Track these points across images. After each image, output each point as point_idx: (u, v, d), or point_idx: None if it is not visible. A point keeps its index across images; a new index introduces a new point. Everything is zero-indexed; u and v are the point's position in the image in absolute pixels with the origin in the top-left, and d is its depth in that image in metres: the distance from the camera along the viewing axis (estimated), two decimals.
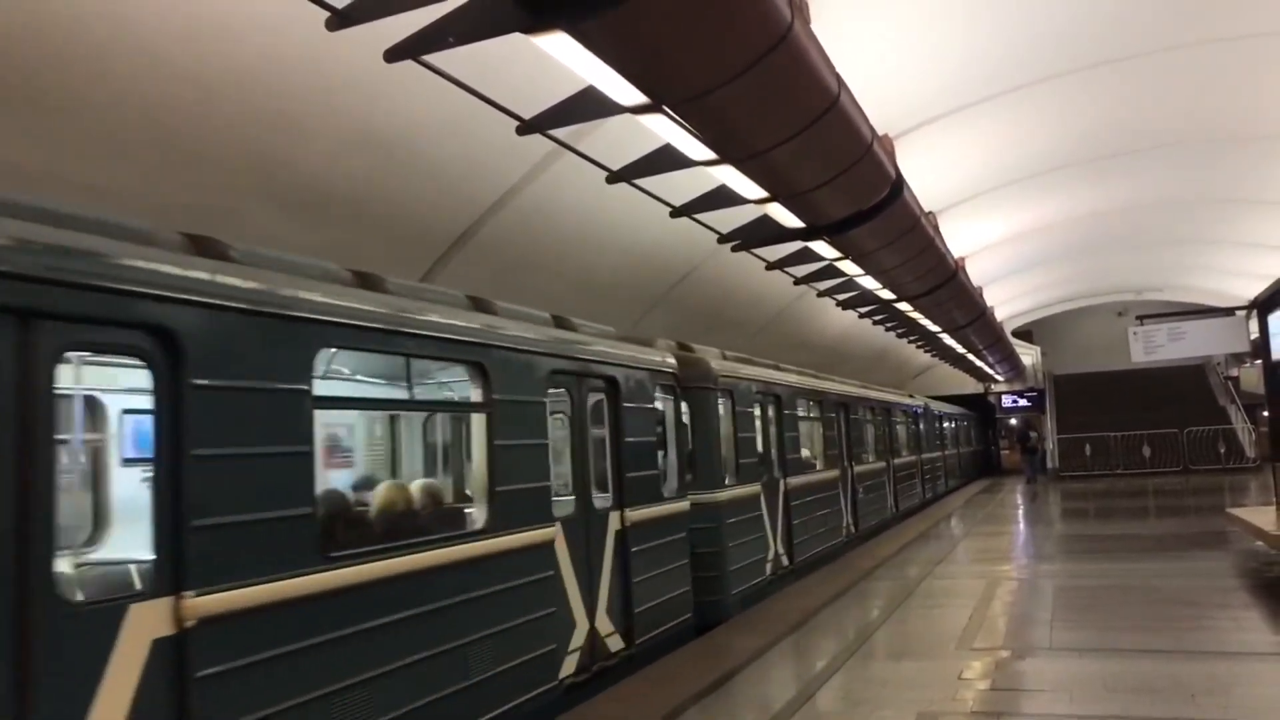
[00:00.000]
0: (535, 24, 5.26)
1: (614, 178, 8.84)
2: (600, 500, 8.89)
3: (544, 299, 10.28)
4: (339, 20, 5.30)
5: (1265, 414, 20.63)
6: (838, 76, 7.09)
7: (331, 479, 8.22)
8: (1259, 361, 15.68)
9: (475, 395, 7.17)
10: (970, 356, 29.39)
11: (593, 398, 8.99)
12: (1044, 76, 13.89)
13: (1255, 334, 14.80)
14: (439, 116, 9.11)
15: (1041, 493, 30.48)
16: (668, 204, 10.24)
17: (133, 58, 6.95)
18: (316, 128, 8.66)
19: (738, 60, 5.84)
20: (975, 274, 22.07)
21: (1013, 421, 45.83)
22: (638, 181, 9.07)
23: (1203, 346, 16.47)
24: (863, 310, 18.23)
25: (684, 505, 10.53)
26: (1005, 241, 23.89)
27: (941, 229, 15.68)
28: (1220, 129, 17.45)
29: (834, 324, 23.75)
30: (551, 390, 8.05)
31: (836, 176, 8.42)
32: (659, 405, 10.53)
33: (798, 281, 14.88)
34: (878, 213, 10.18)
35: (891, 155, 10.15)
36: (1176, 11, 12.56)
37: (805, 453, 16.35)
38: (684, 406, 11.41)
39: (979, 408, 44.01)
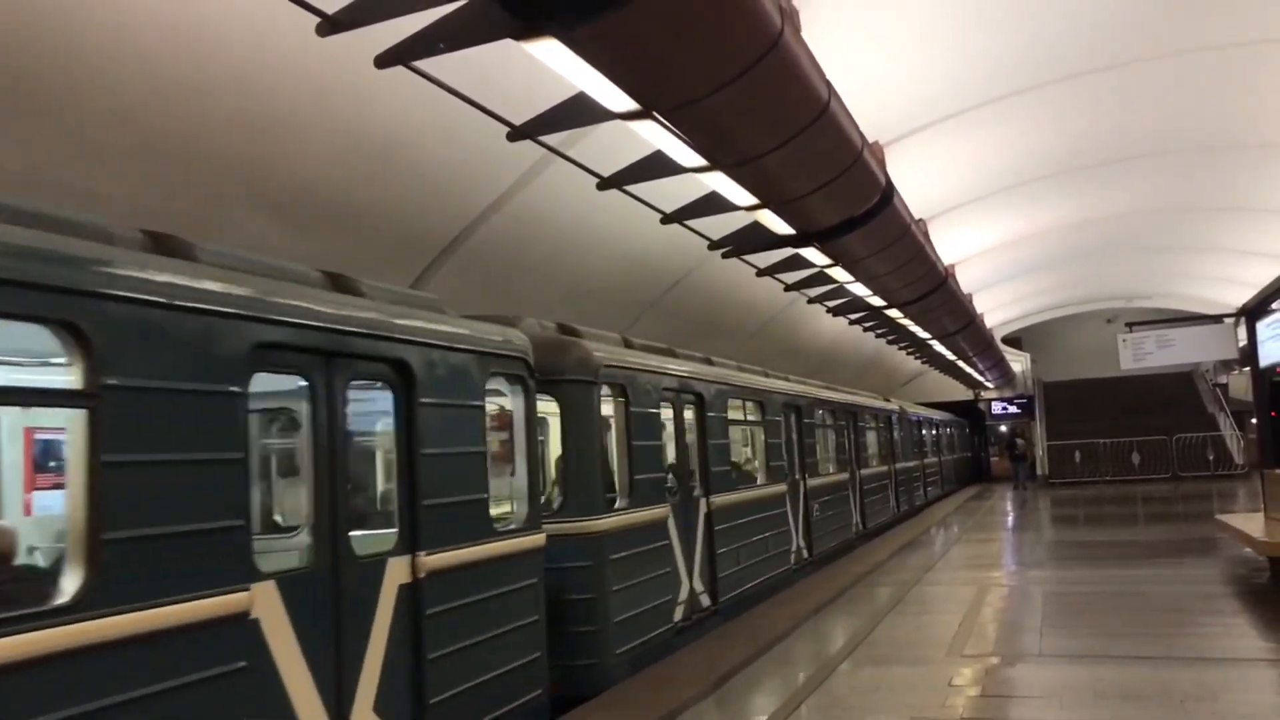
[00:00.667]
0: (526, 30, 5.27)
1: (605, 184, 8.85)
2: (368, 543, 6.03)
3: (535, 305, 10.30)
4: (329, 26, 5.30)
5: (1254, 421, 20.69)
6: (828, 84, 7.11)
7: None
8: (1247, 369, 15.73)
9: (69, 380, 4.22)
10: (960, 363, 29.47)
11: (362, 391, 6.19)
12: (1033, 85, 13.96)
13: (1244, 341, 14.83)
14: (430, 122, 9.11)
15: (1031, 499, 30.54)
16: (659, 210, 10.25)
17: (122, 62, 6.94)
18: (308, 133, 8.65)
19: (729, 67, 5.86)
20: (965, 281, 22.13)
21: (1003, 428, 45.91)
22: (629, 188, 9.08)
23: (1191, 354, 16.51)
24: (853, 317, 18.27)
25: (533, 541, 7.55)
26: (995, 249, 23.97)
27: (932, 236, 15.73)
28: (1207, 137, 17.54)
29: (825, 331, 23.80)
30: (259, 372, 5.10)
31: (827, 183, 8.44)
32: (499, 402, 7.83)
33: (788, 288, 14.91)
34: (868, 220, 10.20)
35: (882, 162, 10.19)
36: (1164, 20, 12.63)
37: (742, 464, 14.43)
38: (553, 408, 9.11)
39: (969, 414, 44.10)
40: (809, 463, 16.75)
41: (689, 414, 11.54)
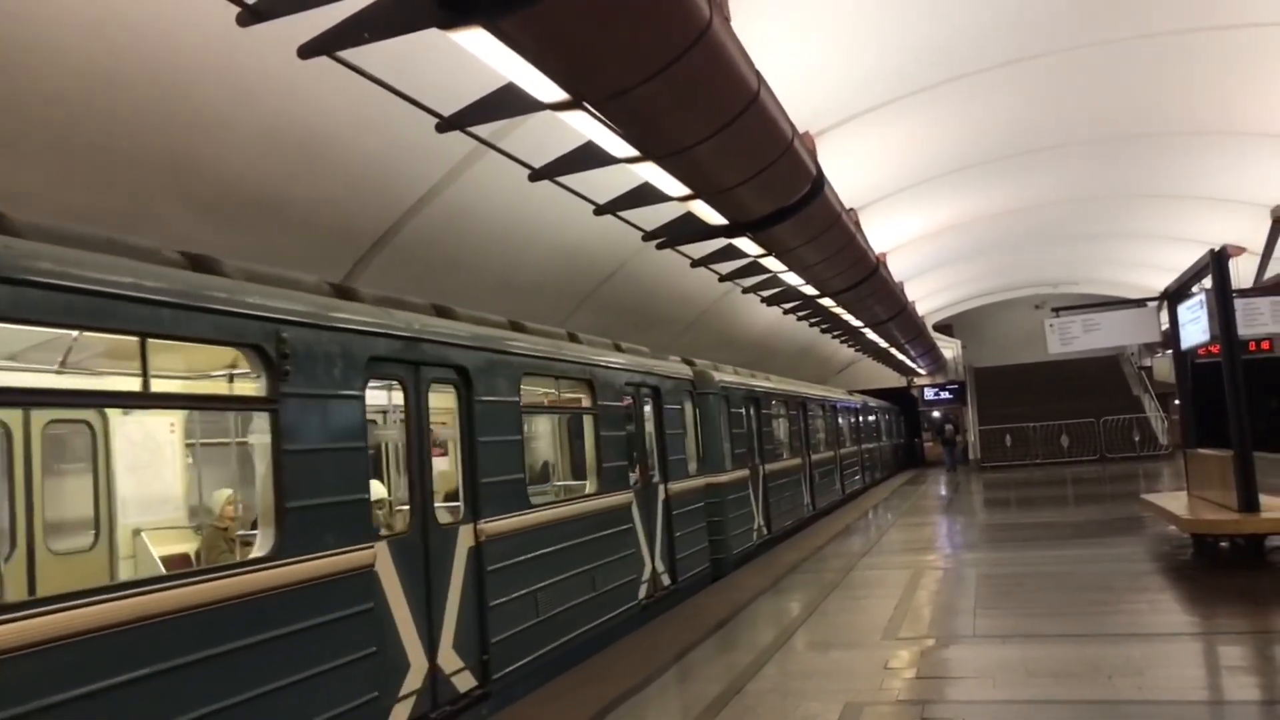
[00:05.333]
0: (452, 20, 5.21)
1: (536, 175, 8.80)
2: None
3: (468, 299, 10.21)
4: (250, 16, 5.20)
5: (1177, 403, 21.23)
6: (758, 74, 7.13)
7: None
8: (1170, 351, 16.13)
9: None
10: (893, 351, 29.83)
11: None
12: (960, 74, 14.16)
13: (1166, 325, 15.20)
14: (357, 115, 8.99)
15: (963, 483, 31.02)
16: (592, 202, 10.22)
17: (33, 51, 6.73)
18: (231, 127, 8.48)
19: (657, 56, 5.85)
20: (896, 269, 22.43)
21: (935, 414, 46.63)
22: (561, 180, 9.05)
23: (1116, 337, 16.82)
24: (787, 306, 18.40)
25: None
26: (925, 237, 24.30)
27: (863, 225, 15.90)
28: (1130, 125, 17.94)
29: (759, 320, 23.96)
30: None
31: (758, 173, 8.47)
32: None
33: (723, 278, 14.97)
34: (799, 209, 10.26)
35: (813, 152, 10.26)
36: (1088, 11, 12.88)
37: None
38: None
39: (902, 401, 44.68)
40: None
41: (648, 408, 12.31)
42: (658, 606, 11.39)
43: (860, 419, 30.86)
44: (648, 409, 12.41)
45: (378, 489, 7.86)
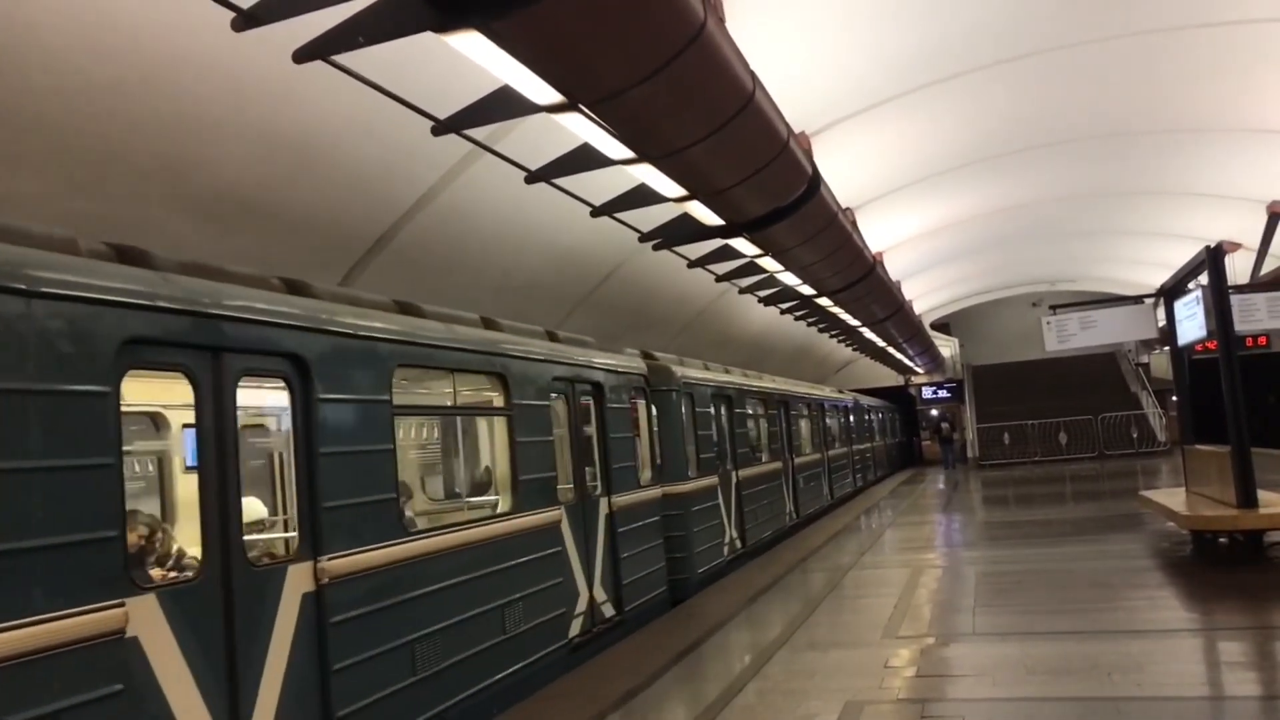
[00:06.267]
0: (447, 23, 5.21)
1: (532, 178, 8.80)
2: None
3: (465, 302, 10.21)
4: (245, 20, 5.19)
5: (1175, 399, 21.25)
6: (752, 74, 7.14)
7: None
8: (1167, 348, 16.17)
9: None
10: (890, 349, 29.83)
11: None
12: (956, 73, 14.17)
13: (1163, 321, 15.22)
14: (353, 118, 8.99)
15: (962, 481, 31.03)
16: (588, 204, 10.22)
17: (30, 59, 6.74)
18: (226, 131, 8.48)
19: (652, 58, 5.85)
20: (893, 268, 22.44)
21: (934, 413, 46.67)
22: (557, 181, 9.04)
23: (1113, 334, 16.85)
24: (784, 306, 18.40)
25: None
26: (922, 236, 24.31)
27: (860, 224, 15.91)
28: (1124, 123, 17.96)
29: (756, 321, 23.97)
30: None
31: (754, 174, 8.48)
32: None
33: (719, 279, 14.97)
34: (795, 209, 10.26)
35: (808, 152, 10.27)
36: (1076, 10, 12.91)
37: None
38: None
39: (900, 400, 44.70)
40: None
41: (590, 406, 10.66)
42: (597, 643, 9.67)
43: (851, 418, 29.64)
44: (588, 409, 10.68)
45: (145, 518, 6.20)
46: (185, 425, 6.99)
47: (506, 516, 8.45)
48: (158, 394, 6.93)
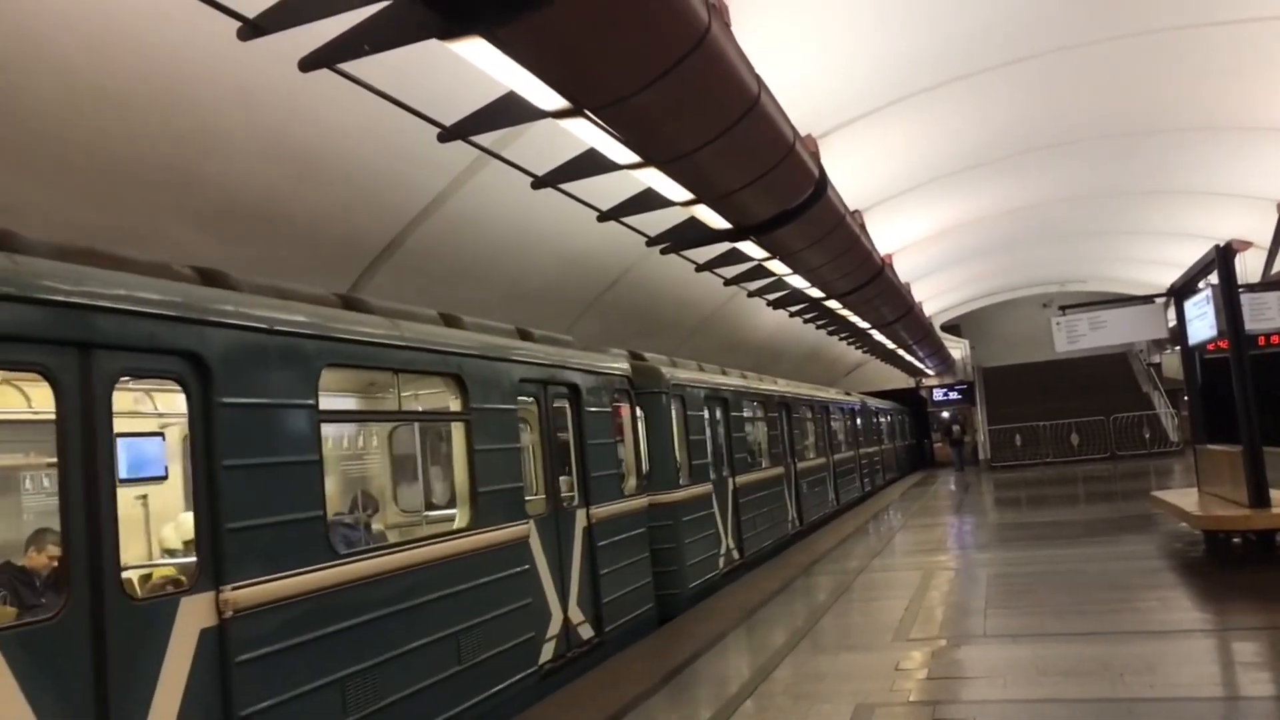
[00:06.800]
0: (451, 30, 5.24)
1: (539, 183, 8.82)
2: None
3: (473, 308, 10.23)
4: (250, 30, 5.23)
5: (1186, 399, 21.16)
6: (758, 78, 7.15)
7: None
8: (1179, 347, 16.11)
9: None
10: (900, 352, 29.80)
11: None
12: (962, 74, 14.14)
13: (1174, 321, 15.18)
14: (359, 126, 9.02)
15: (973, 483, 30.95)
16: (595, 208, 10.24)
17: (38, 71, 6.79)
18: (234, 140, 8.52)
19: (656, 63, 5.87)
20: (903, 270, 22.40)
21: (945, 415, 46.59)
22: (564, 186, 9.07)
23: (1124, 334, 16.79)
24: (793, 309, 18.40)
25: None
26: (931, 238, 24.27)
27: (868, 226, 15.90)
28: (1132, 122, 17.91)
29: (766, 324, 23.95)
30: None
31: (760, 177, 8.49)
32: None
33: (728, 282, 14.98)
34: (803, 212, 10.28)
35: (815, 155, 10.27)
36: (1085, 10, 12.87)
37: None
38: None
39: (910, 402, 44.62)
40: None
41: (567, 410, 9.95)
42: (573, 668, 8.91)
43: (858, 420, 28.77)
44: (564, 413, 9.91)
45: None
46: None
47: (463, 533, 7.59)
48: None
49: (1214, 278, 12.20)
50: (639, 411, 11.89)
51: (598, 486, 10.07)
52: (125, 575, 4.90)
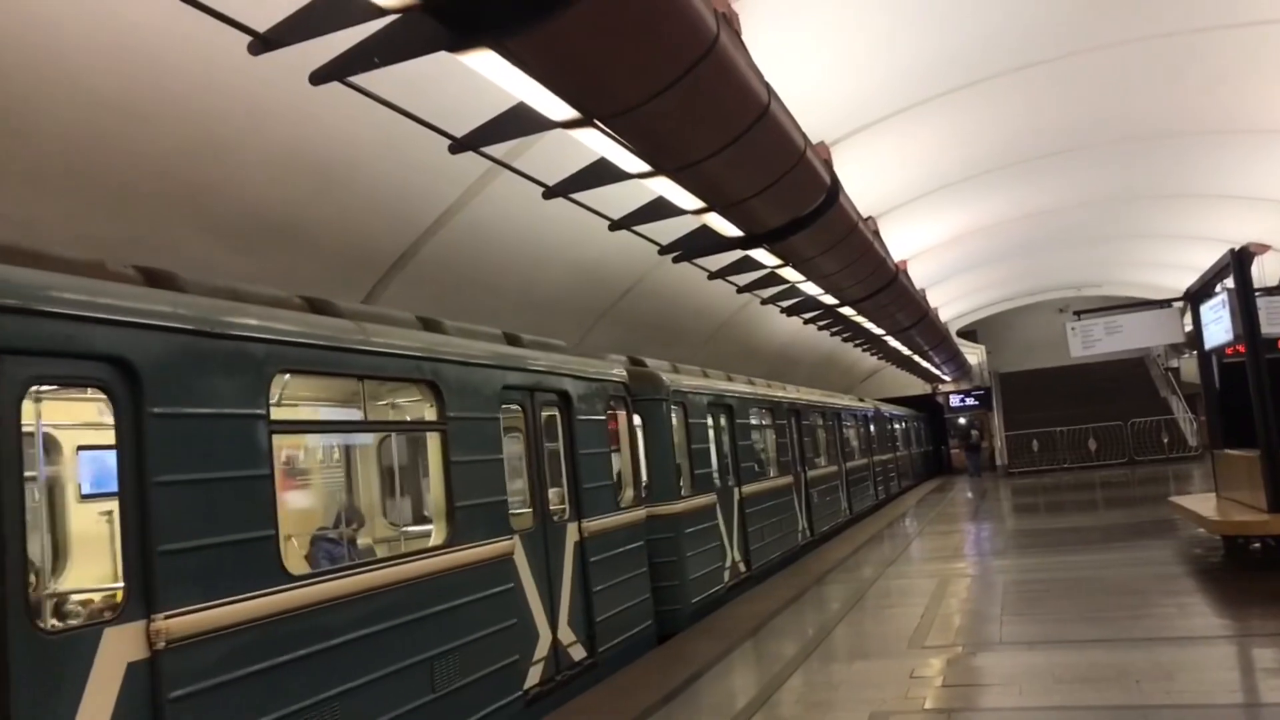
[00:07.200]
0: (461, 43, 5.26)
1: (550, 193, 8.84)
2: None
3: (487, 317, 10.25)
4: (261, 45, 5.26)
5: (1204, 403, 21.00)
6: (768, 86, 7.15)
7: None
8: (1195, 351, 16.02)
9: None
10: (916, 358, 29.70)
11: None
12: (974, 80, 14.12)
13: (1190, 325, 15.10)
14: (371, 138, 9.07)
15: (990, 489, 30.82)
16: (606, 218, 10.26)
17: (55, 86, 6.85)
18: (246, 153, 8.57)
19: (665, 73, 5.88)
20: (918, 276, 22.35)
21: (961, 421, 46.43)
22: (575, 196, 9.08)
23: (1140, 339, 16.73)
24: (807, 316, 18.36)
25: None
26: (946, 243, 24.20)
27: (882, 233, 15.87)
28: (1146, 126, 17.83)
29: (780, 331, 23.92)
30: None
31: (771, 185, 8.48)
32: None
33: (741, 290, 14.97)
34: (815, 219, 10.26)
35: (827, 162, 10.26)
36: (1098, 14, 12.83)
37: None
38: None
39: (927, 408, 44.48)
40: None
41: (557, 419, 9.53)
42: (562, 692, 8.43)
43: (872, 427, 28.33)
44: (554, 422, 9.46)
45: None
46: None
47: (438, 550, 7.07)
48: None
49: (1230, 281, 12.13)
50: (637, 420, 11.50)
51: (590, 498, 9.58)
52: (49, 601, 4.70)
